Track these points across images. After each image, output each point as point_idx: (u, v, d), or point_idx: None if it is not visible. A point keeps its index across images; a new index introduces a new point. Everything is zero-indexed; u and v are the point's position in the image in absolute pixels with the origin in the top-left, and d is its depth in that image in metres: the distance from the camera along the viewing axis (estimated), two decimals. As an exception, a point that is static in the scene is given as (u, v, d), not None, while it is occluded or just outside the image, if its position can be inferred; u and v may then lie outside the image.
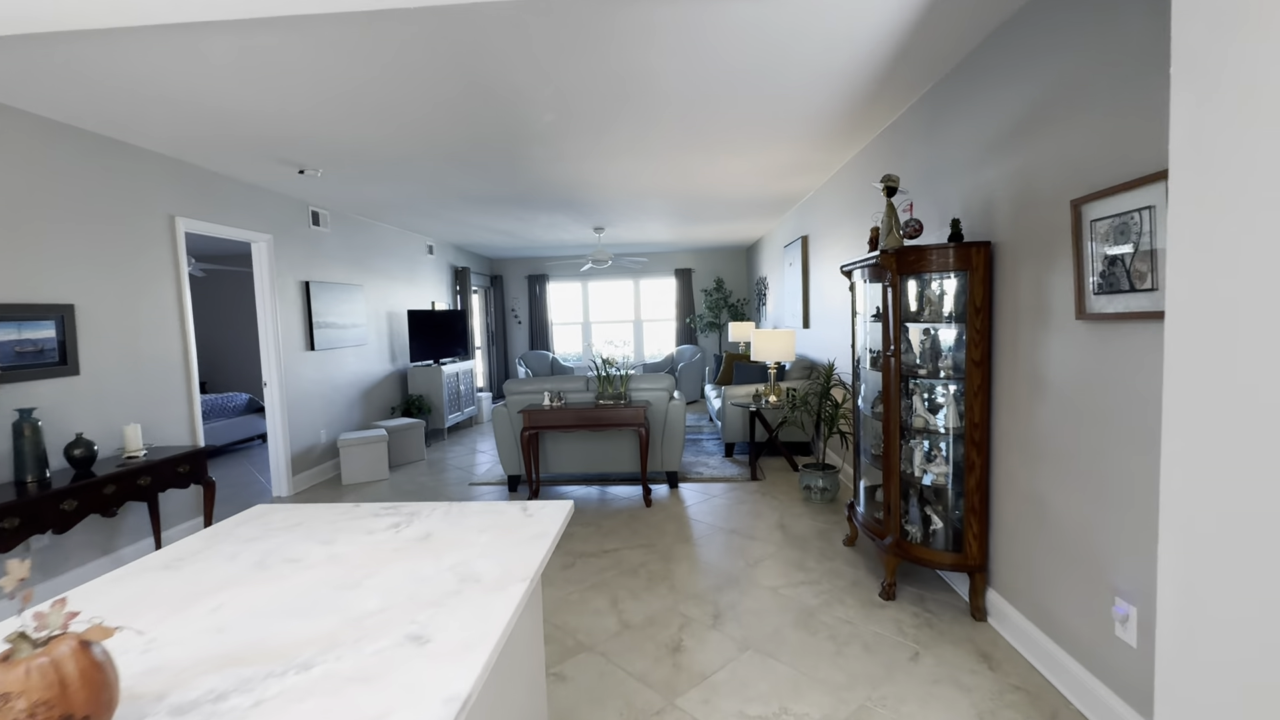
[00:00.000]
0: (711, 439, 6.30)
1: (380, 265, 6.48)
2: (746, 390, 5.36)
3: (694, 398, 9.02)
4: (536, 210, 6.06)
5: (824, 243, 5.17)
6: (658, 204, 5.90)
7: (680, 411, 4.53)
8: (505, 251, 9.52)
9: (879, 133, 3.75)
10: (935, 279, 2.62)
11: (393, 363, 6.69)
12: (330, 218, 5.53)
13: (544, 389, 4.58)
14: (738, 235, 8.42)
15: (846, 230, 4.48)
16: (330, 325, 5.45)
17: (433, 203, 5.50)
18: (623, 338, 10.81)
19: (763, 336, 4.82)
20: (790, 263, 6.38)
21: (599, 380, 4.36)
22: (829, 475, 4.11)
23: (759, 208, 6.27)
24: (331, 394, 5.48)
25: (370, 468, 5.19)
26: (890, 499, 2.78)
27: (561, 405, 4.39)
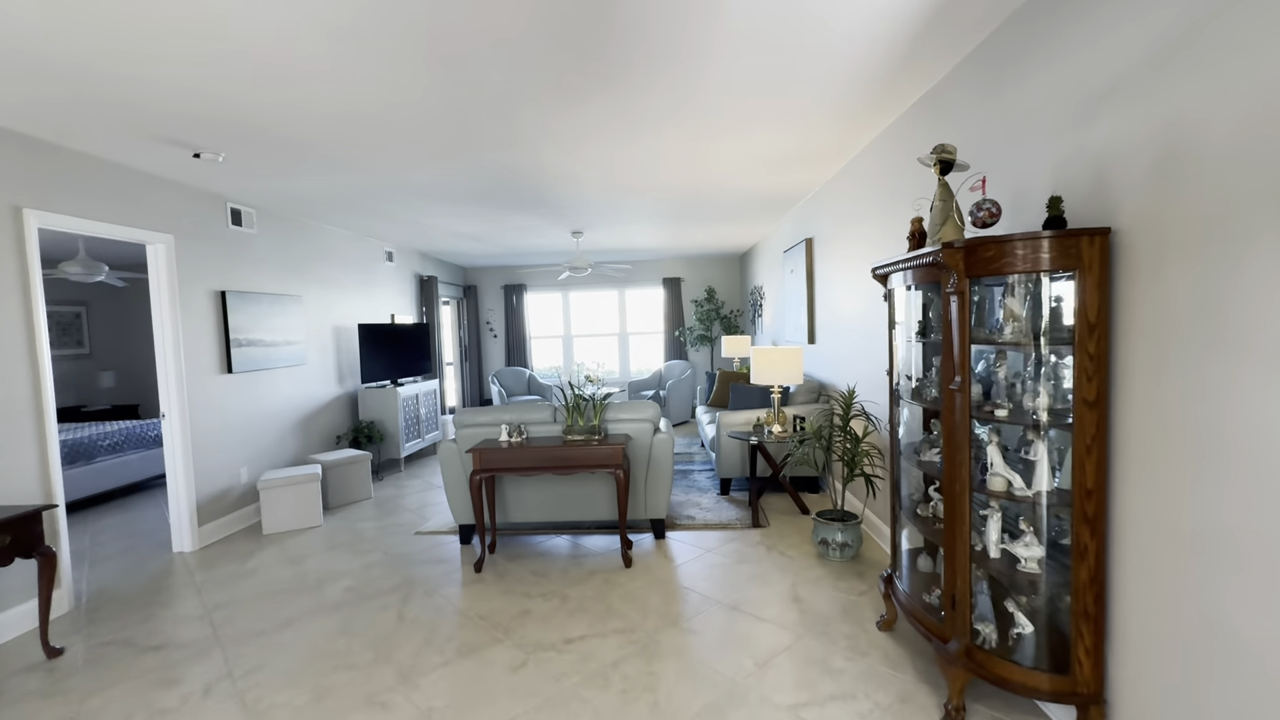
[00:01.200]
0: (704, 469, 5.52)
1: (326, 273, 5.67)
2: (745, 418, 4.59)
3: (684, 418, 8.24)
4: (504, 210, 5.29)
5: (833, 245, 4.44)
6: (641, 204, 5.16)
7: (667, 447, 3.74)
8: (478, 259, 8.73)
9: (909, 105, 3.02)
10: (1020, 282, 1.87)
11: (340, 384, 5.86)
12: (257, 217, 4.73)
13: (501, 421, 3.79)
14: (731, 241, 7.70)
15: (865, 229, 3.75)
16: (256, 343, 4.63)
17: (378, 199, 4.71)
18: (606, 353, 10.02)
19: (765, 356, 4.06)
20: (791, 269, 5.65)
21: (568, 411, 3.57)
22: (850, 528, 3.34)
23: (756, 207, 5.54)
24: (257, 424, 4.64)
25: (299, 512, 4.35)
26: (956, 588, 2.00)
27: (522, 442, 3.59)
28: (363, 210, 5.08)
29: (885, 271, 2.45)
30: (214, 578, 3.52)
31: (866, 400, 3.68)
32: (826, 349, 4.74)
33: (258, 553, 3.89)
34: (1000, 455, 1.94)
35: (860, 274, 3.84)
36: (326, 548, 3.94)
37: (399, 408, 5.98)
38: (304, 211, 5.04)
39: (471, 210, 5.24)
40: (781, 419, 4.17)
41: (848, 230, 4.09)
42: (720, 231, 6.89)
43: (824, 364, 4.81)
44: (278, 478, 4.28)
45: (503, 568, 3.50)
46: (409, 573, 3.47)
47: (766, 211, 5.76)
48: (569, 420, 3.57)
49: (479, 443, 3.62)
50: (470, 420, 3.81)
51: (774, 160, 3.95)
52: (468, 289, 9.57)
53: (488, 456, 3.44)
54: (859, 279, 3.87)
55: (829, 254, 4.57)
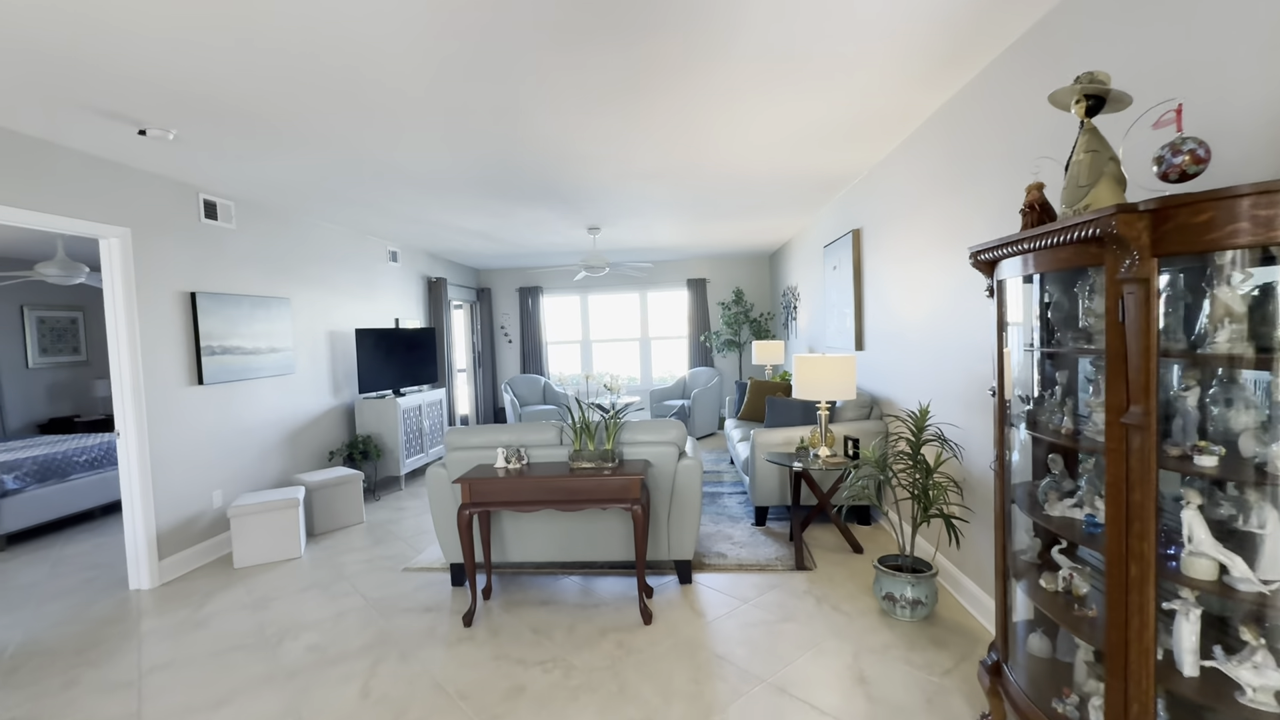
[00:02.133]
0: (735, 492, 4.88)
1: (319, 274, 5.19)
2: (785, 438, 3.95)
3: (710, 430, 7.61)
4: (509, 201, 4.75)
5: (889, 236, 3.78)
6: (660, 193, 4.57)
7: (694, 476, 3.13)
8: (491, 260, 8.23)
9: (1008, 45, 2.37)
10: (1238, 263, 1.23)
11: (335, 395, 5.37)
12: (236, 210, 4.25)
13: (498, 442, 3.22)
14: (760, 238, 7.05)
15: (935, 213, 3.09)
16: (233, 350, 4.14)
17: (364, 188, 4.20)
18: (627, 359, 9.43)
19: (810, 366, 3.42)
20: (834, 266, 4.99)
21: (575, 432, 2.98)
22: (923, 582, 2.68)
23: (791, 195, 4.90)
24: (234, 441, 4.15)
25: (275, 543, 3.83)
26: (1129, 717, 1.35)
27: (522, 469, 3.02)
28: (351, 202, 4.58)
29: (993, 256, 1.81)
30: (162, 627, 3.00)
31: (943, 423, 3.02)
32: (879, 357, 4.07)
33: (220, 593, 3.37)
34: (1204, 525, 1.29)
35: (928, 268, 3.19)
36: (299, 588, 3.40)
37: (399, 420, 5.46)
38: (290, 205, 4.56)
39: (472, 202, 4.71)
40: (830, 440, 3.52)
41: (909, 217, 3.43)
42: (749, 227, 6.26)
43: (876, 374, 4.15)
44: (250, 504, 3.77)
45: (498, 620, 2.92)
46: (386, 626, 2.92)
47: (803, 200, 5.11)
48: (576, 444, 2.98)
49: (471, 470, 3.05)
50: (462, 442, 3.25)
51: (815, 134, 3.32)
52: (481, 292, 9.08)
53: (479, 488, 2.87)
54: (926, 273, 3.21)
55: (883, 246, 3.92)
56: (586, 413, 2.93)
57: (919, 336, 3.34)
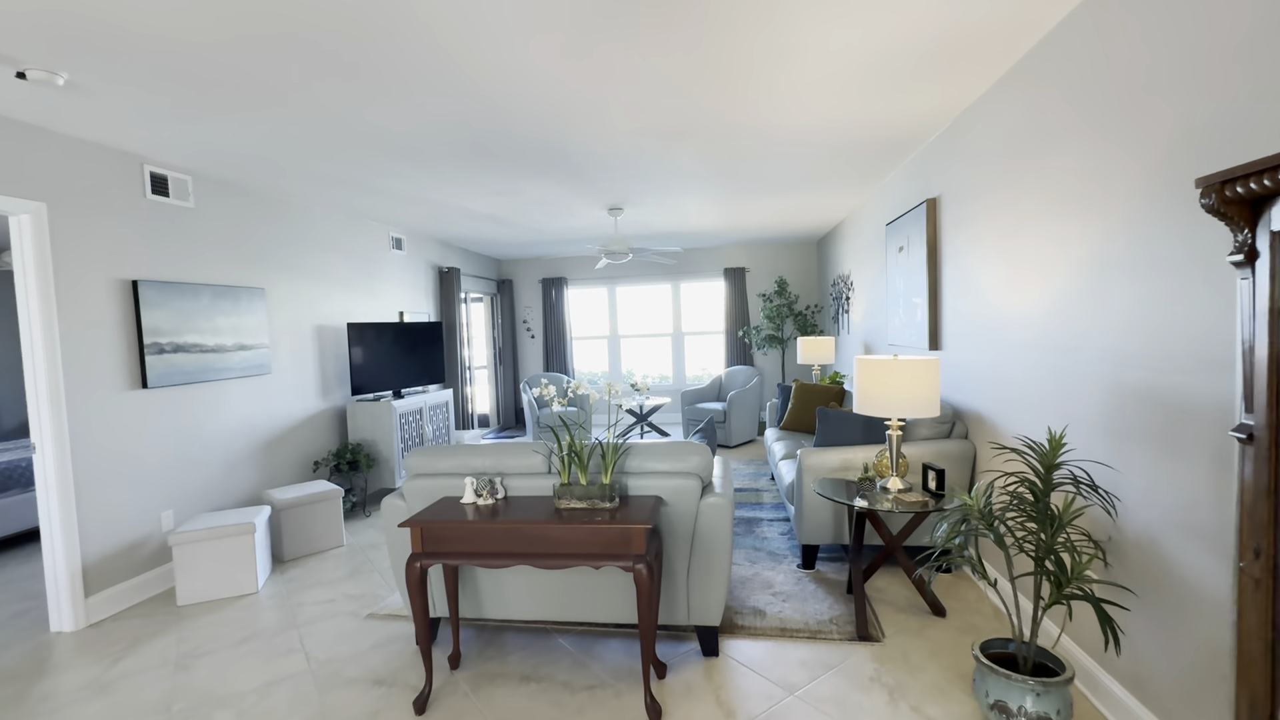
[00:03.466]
0: (777, 518, 4.07)
1: (305, 261, 4.62)
2: (841, 461, 3.13)
3: (749, 437, 6.79)
4: (513, 174, 4.05)
5: (982, 202, 2.91)
6: (689, 159, 3.78)
7: (723, 518, 2.36)
8: (510, 249, 7.60)
9: (1214, -119, 1.51)
10: None
11: (324, 397, 4.81)
12: (194, 186, 3.68)
13: (469, 469, 2.52)
14: (808, 218, 6.17)
15: (1065, 162, 2.22)
16: (189, 348, 3.58)
17: (343, 159, 3.56)
18: (658, 356, 8.68)
19: (876, 372, 2.59)
20: (900, 247, 4.11)
21: (563, 461, 2.25)
22: (1054, 692, 1.84)
23: (848, 159, 4.04)
24: (190, 452, 3.60)
25: (226, 575, 3.25)
26: None
27: (496, 506, 2.31)
28: (333, 179, 3.96)
29: (1267, 187, 0.98)
30: (59, 690, 2.43)
31: (1081, 460, 2.15)
32: (963, 359, 3.20)
33: (147, 642, 2.79)
34: None
35: (1046, 241, 2.32)
36: (238, 638, 2.79)
37: (394, 425, 4.86)
38: (264, 183, 3.97)
39: (469, 175, 4.02)
40: (903, 468, 2.69)
41: (1015, 174, 2.56)
42: (794, 205, 5.40)
43: (958, 381, 3.28)
44: (196, 530, 3.19)
45: (461, 707, 2.22)
46: (321, 707, 2.26)
47: (862, 168, 4.24)
48: (563, 475, 2.25)
49: (428, 507, 2.35)
50: (426, 466, 2.56)
51: (883, 66, 2.48)
52: (502, 283, 8.47)
53: (435, 533, 2.17)
54: (1043, 249, 2.35)
55: (970, 217, 3.04)
56: (574, 441, 2.21)
57: (1028, 333, 2.48)
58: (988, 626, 2.61)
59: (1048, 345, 2.33)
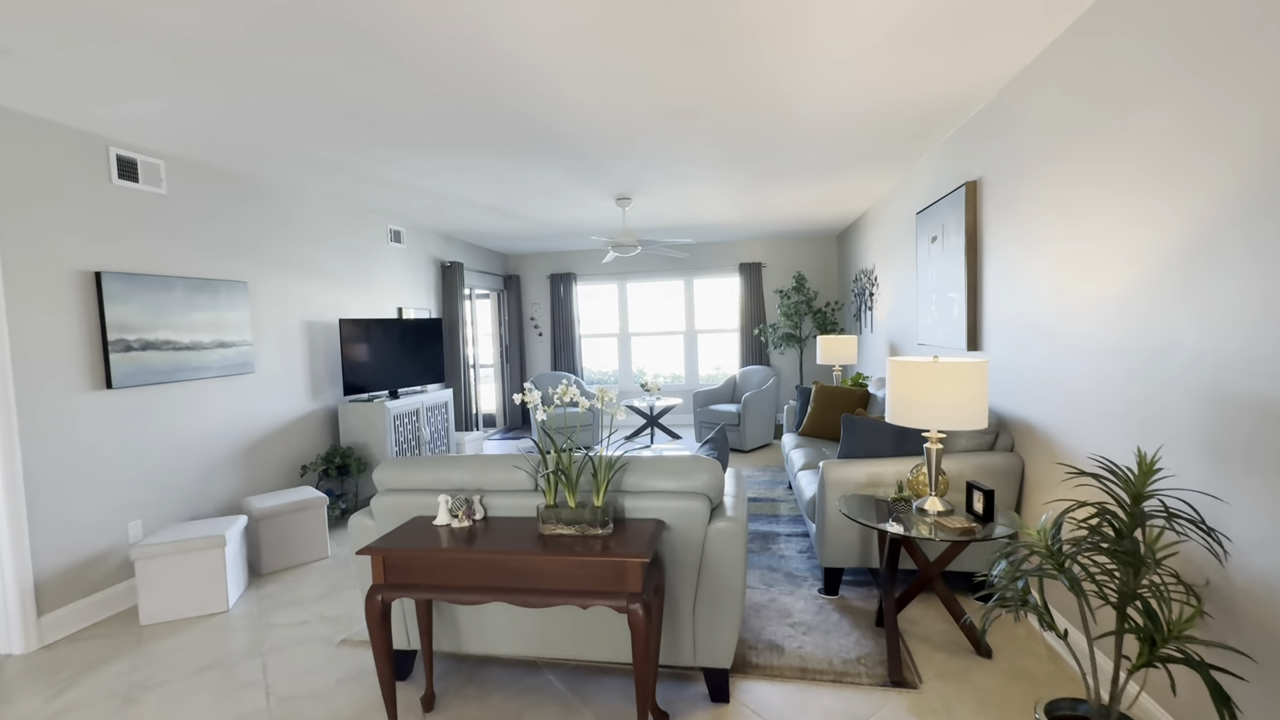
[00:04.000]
0: (796, 533, 3.73)
1: (294, 254, 4.36)
2: (870, 475, 2.78)
3: (765, 441, 6.43)
4: (514, 160, 3.75)
5: (1035, 181, 2.54)
6: (702, 143, 3.44)
7: (736, 545, 2.03)
8: (516, 243, 7.31)
9: None
10: None
11: (314, 398, 4.55)
12: (167, 171, 3.43)
13: (446, 483, 2.22)
14: (829, 210, 5.80)
15: (1155, 123, 1.86)
16: (160, 345, 3.33)
17: (327, 142, 3.28)
18: (670, 355, 8.35)
19: (912, 376, 2.24)
20: (933, 236, 3.74)
21: (548, 480, 1.93)
22: (1145, 773, 1.49)
23: (877, 140, 3.68)
24: (163, 457, 3.35)
25: (194, 592, 2.99)
26: None
27: (474, 527, 2.01)
28: (320, 165, 3.68)
29: None
30: (-13, 729, 2.18)
31: (1177, 489, 1.78)
32: (1010, 360, 2.83)
33: (100, 669, 2.54)
34: None
35: (1122, 222, 1.96)
36: (197, 667, 2.53)
37: (387, 427, 4.59)
38: (247, 168, 3.71)
39: (464, 159, 3.73)
40: (943, 486, 2.34)
41: (1081, 146, 2.19)
42: (815, 195, 5.04)
43: (1004, 385, 2.91)
44: (160, 543, 2.94)
45: (428, 761, 1.92)
46: (269, 757, 1.98)
47: (891, 149, 3.87)
48: (548, 496, 1.94)
49: (396, 530, 2.06)
50: (397, 479, 2.27)
51: (920, 23, 2.13)
52: (509, 279, 8.19)
53: (400, 562, 1.87)
54: (1114, 232, 1.99)
55: (1021, 199, 2.67)
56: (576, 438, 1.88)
57: (1095, 332, 2.11)
58: (1042, 671, 2.26)
59: (1123, 346, 1.97)
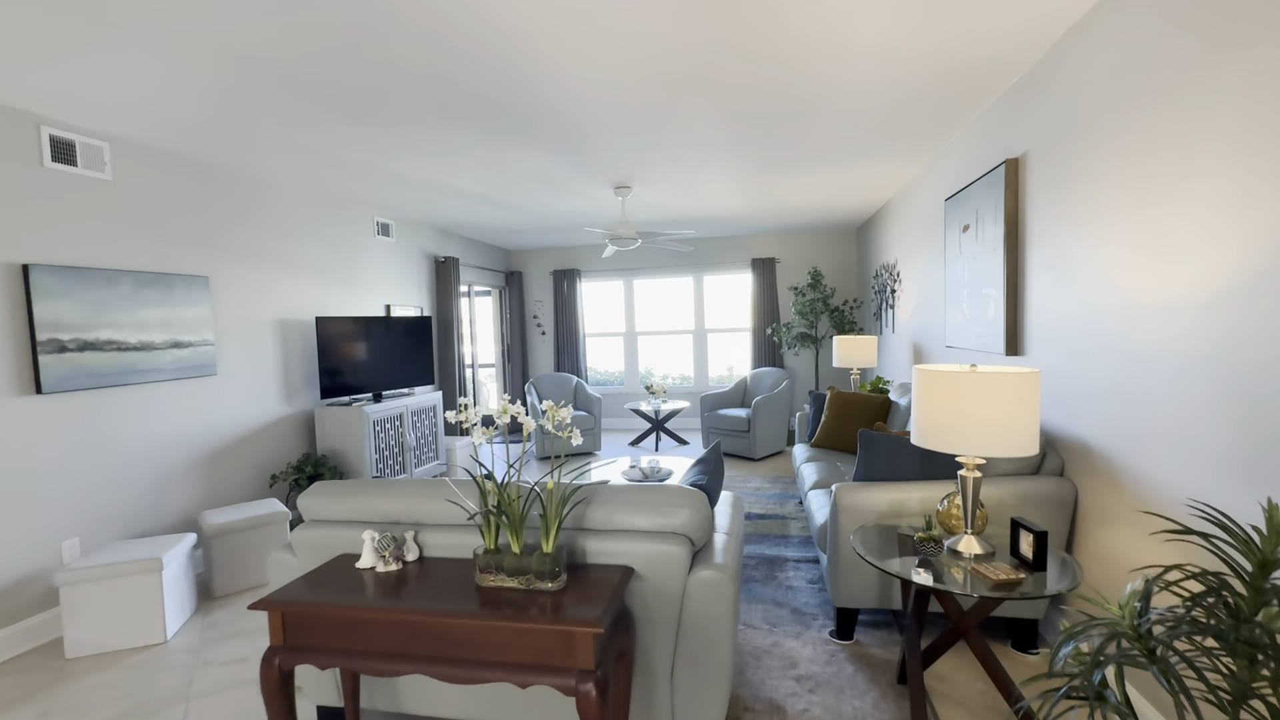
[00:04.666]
0: (804, 558, 3.32)
1: (265, 247, 4.05)
2: (891, 503, 2.36)
3: (776, 448, 6.01)
4: (497, 141, 3.39)
5: (1095, 157, 2.10)
6: (704, 119, 3.05)
7: (722, 598, 1.64)
8: (517, 237, 6.97)
9: None
10: None
11: (288, 401, 4.24)
12: (112, 154, 3.12)
13: (376, 514, 1.86)
14: (847, 199, 5.35)
15: (1254, 67, 1.42)
16: (102, 345, 3.03)
17: (282, 114, 2.95)
18: (679, 355, 7.96)
19: (951, 388, 1.82)
20: (965, 225, 3.29)
21: (488, 515, 1.56)
22: None
23: (902, 114, 3.24)
24: (106, 469, 3.05)
25: (127, 622, 2.68)
26: None
27: (405, 571, 1.65)
28: (280, 146, 3.36)
29: None
30: None
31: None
32: (1059, 367, 2.40)
33: (34, 699, 2.23)
34: None
35: (1216, 199, 1.53)
36: (112, 714, 2.21)
37: (366, 432, 4.27)
38: (204, 151, 3.39)
39: (441, 140, 3.37)
40: (980, 522, 1.92)
41: (1159, 108, 1.76)
42: (830, 183, 4.60)
43: (1050, 397, 2.47)
44: (88, 567, 2.63)
45: None
46: None
47: (917, 126, 3.43)
48: (487, 539, 1.56)
49: (318, 569, 1.70)
50: (324, 509, 1.91)
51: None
52: (511, 275, 7.85)
53: (301, 620, 1.51)
54: (1210, 211, 1.55)
55: (1075, 177, 2.24)
56: (507, 481, 1.52)
57: (1179, 337, 1.68)
58: (1104, 753, 1.83)
59: (1219, 355, 1.54)
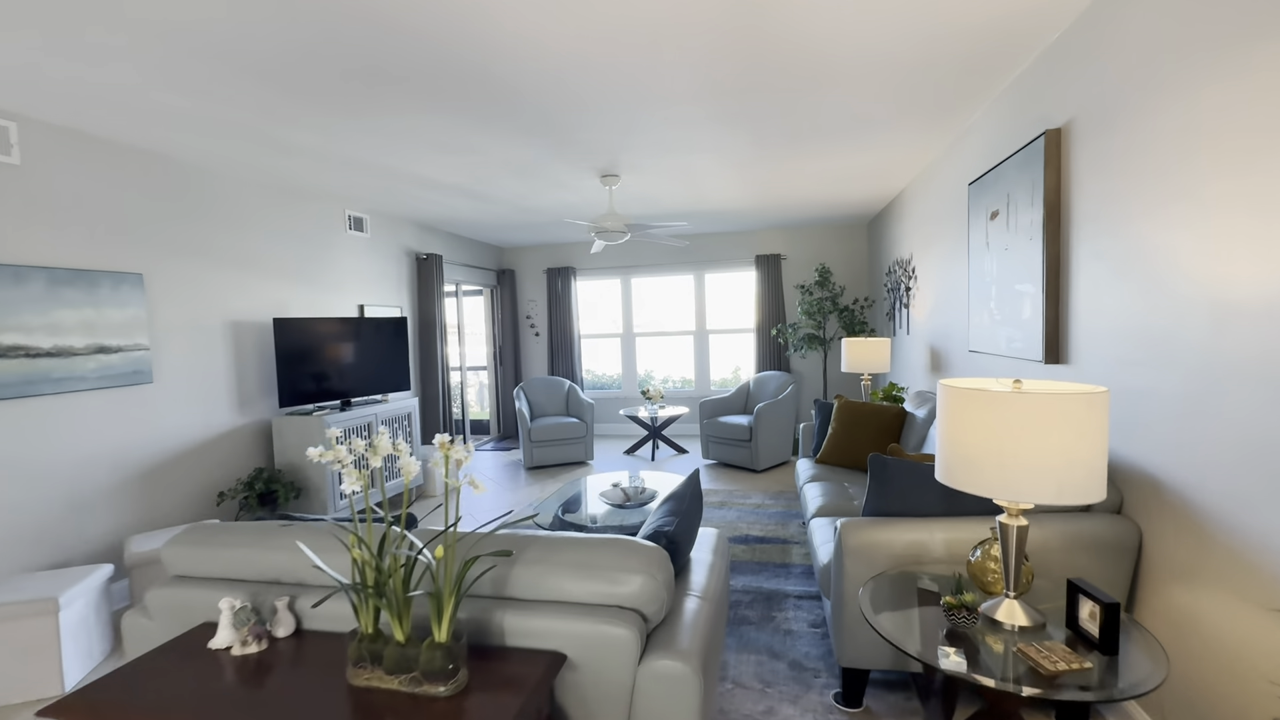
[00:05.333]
0: (807, 594, 2.89)
1: (212, 241, 3.69)
2: (908, 545, 1.93)
3: (781, 459, 5.58)
4: (453, 119, 2.99)
5: (1173, 115, 1.67)
6: (686, 81, 2.63)
7: (682, 693, 1.22)
8: (503, 232, 6.58)
9: None
10: None
11: (241, 411, 3.88)
12: (21, 135, 2.75)
13: (255, 570, 1.46)
14: (857, 190, 4.91)
15: None
16: (8, 351, 2.67)
17: (189, 86, 2.57)
18: (679, 357, 7.54)
19: (985, 410, 1.38)
20: (993, 212, 2.85)
21: (358, 596, 1.16)
22: None
23: (921, 82, 2.80)
24: (10, 491, 2.69)
25: (18, 672, 2.31)
26: None
27: (265, 652, 1.25)
28: (202, 123, 2.99)
29: None
30: None
31: None
32: (1116, 379, 1.96)
33: None
34: None
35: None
36: (-40, 800, 1.83)
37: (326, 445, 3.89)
38: (128, 133, 3.03)
39: (384, 120, 2.99)
40: (1025, 581, 1.49)
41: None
42: (839, 168, 4.16)
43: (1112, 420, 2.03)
44: (-33, 611, 2.27)
45: None
46: None
47: (938, 97, 2.99)
48: (363, 620, 1.16)
49: (158, 649, 1.31)
50: (188, 562, 1.52)
51: None
52: (502, 274, 7.48)
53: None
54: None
55: (1141, 144, 1.80)
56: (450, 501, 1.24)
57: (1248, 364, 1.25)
58: None
59: None
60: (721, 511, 4.27)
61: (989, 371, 3.03)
